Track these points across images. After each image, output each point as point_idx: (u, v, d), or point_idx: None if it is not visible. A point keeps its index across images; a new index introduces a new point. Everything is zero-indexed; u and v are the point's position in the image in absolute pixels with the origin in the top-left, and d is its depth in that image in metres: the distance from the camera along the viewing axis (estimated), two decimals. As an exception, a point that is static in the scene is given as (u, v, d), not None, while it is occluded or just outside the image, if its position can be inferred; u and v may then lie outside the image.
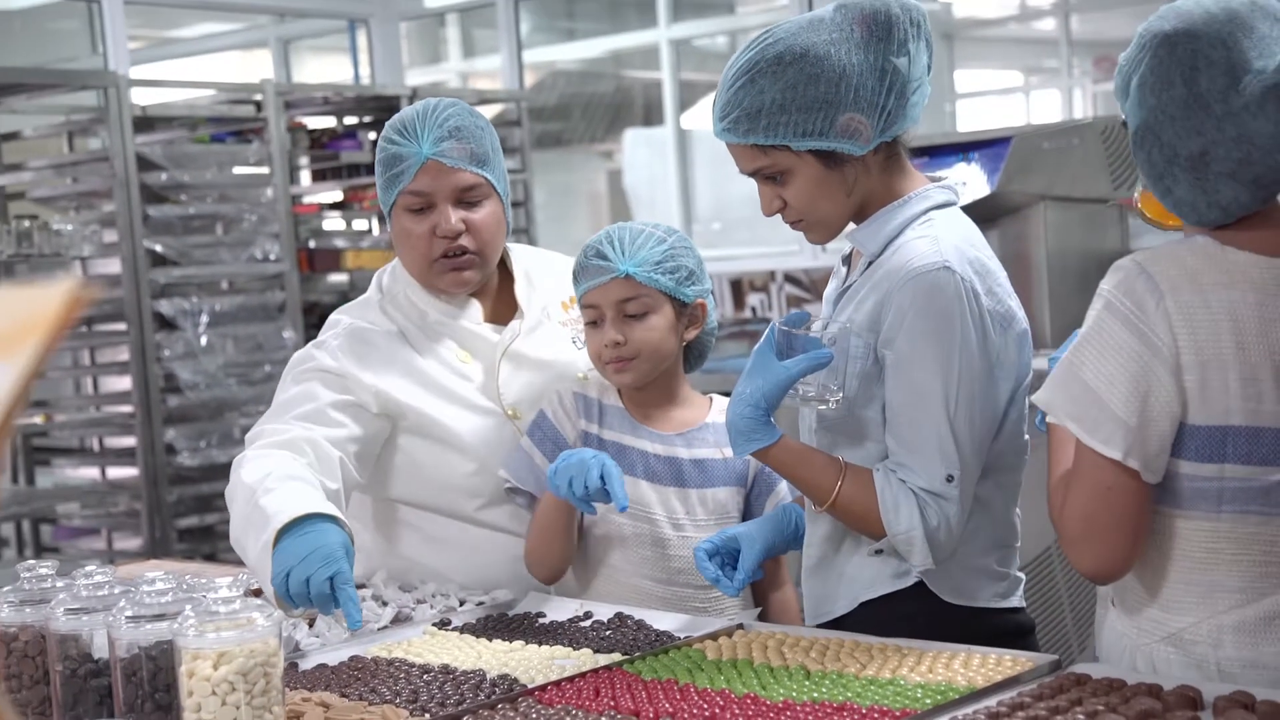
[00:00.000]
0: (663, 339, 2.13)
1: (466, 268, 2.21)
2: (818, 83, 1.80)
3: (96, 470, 5.25)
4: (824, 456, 1.87)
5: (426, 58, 8.44)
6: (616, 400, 2.22)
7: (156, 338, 4.74)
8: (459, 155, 2.17)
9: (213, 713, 1.49)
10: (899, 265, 1.83)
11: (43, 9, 7.23)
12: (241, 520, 1.98)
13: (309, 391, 2.16)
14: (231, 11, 7.09)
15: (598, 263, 2.12)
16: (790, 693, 1.64)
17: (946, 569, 1.87)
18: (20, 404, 0.63)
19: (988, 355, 1.83)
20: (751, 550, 1.98)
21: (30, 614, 1.68)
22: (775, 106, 1.81)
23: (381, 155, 2.22)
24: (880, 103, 1.82)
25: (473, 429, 2.20)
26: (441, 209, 2.18)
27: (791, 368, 1.82)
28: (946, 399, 1.80)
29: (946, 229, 1.86)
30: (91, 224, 4.77)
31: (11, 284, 0.68)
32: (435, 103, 2.21)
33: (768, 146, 1.83)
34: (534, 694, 1.69)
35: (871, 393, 1.85)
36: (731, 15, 7.91)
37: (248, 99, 5.31)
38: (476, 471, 2.20)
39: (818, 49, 1.81)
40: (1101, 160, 4.15)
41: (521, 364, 2.26)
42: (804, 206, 1.87)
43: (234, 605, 1.51)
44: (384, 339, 2.23)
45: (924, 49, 1.86)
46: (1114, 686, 1.55)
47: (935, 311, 1.79)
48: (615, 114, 8.42)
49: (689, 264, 2.14)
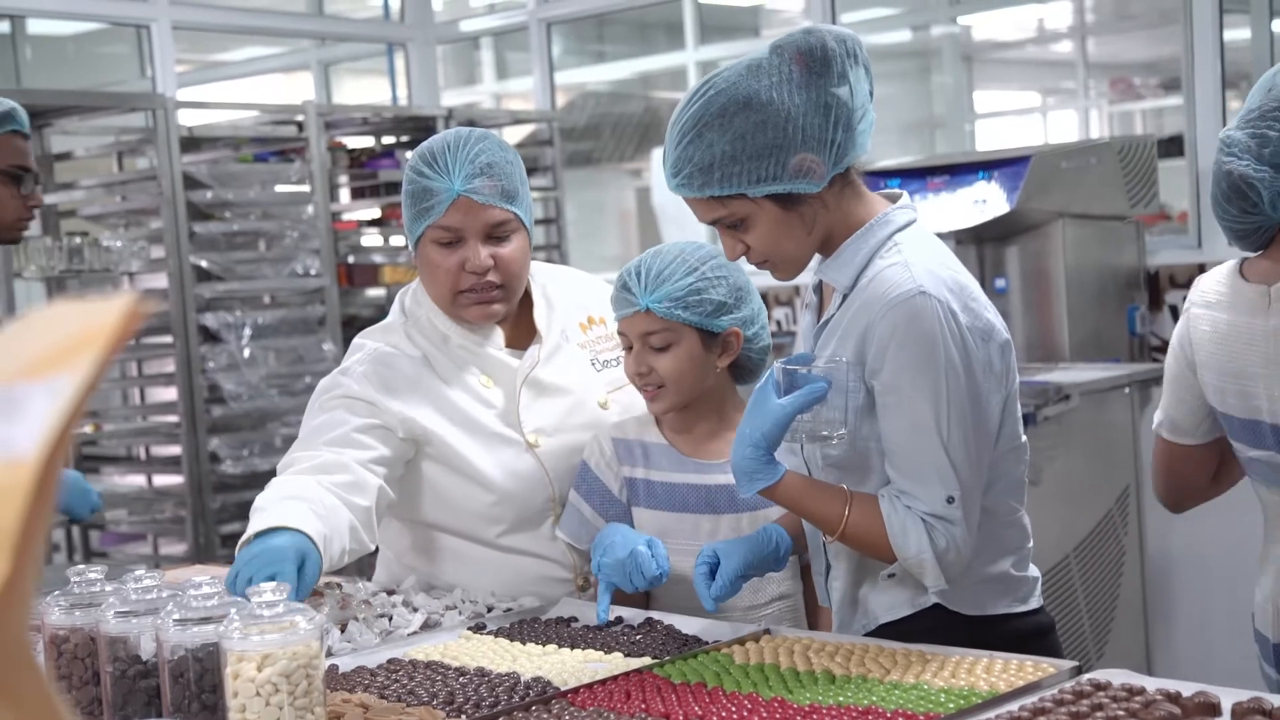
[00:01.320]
0: (687, 370, 2.12)
1: (494, 301, 2.21)
2: (765, 129, 1.79)
3: (143, 478, 5.36)
4: (829, 488, 1.87)
5: (462, 79, 8.57)
6: (658, 436, 2.21)
7: (201, 350, 4.86)
8: (490, 192, 2.16)
9: (257, 713, 1.51)
10: (876, 296, 1.82)
11: (94, 34, 7.40)
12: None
13: (336, 419, 2.16)
14: (274, 36, 7.24)
15: (623, 294, 2.12)
16: (816, 697, 1.66)
17: (961, 584, 1.88)
18: (79, 415, 0.63)
19: (973, 372, 1.82)
20: (729, 563, 1.95)
21: (80, 617, 1.70)
22: (726, 158, 1.80)
23: (411, 187, 2.20)
24: (829, 138, 1.80)
25: (494, 461, 2.21)
26: (471, 244, 2.17)
27: (788, 405, 1.81)
28: (939, 423, 1.80)
29: (915, 252, 1.85)
30: (140, 240, 4.89)
31: (64, 298, 0.70)
32: (465, 135, 2.20)
33: (724, 197, 1.83)
34: (567, 696, 1.72)
35: (869, 425, 1.86)
36: (756, 37, 8.02)
37: (290, 120, 5.43)
38: (497, 502, 2.21)
39: (760, 95, 1.79)
40: (1119, 179, 4.22)
41: (542, 391, 2.26)
42: (767, 249, 1.87)
43: (277, 609, 1.53)
44: (408, 364, 2.23)
45: (864, 76, 1.84)
46: (1134, 692, 1.57)
47: (916, 338, 1.79)
48: (644, 133, 8.53)
49: (718, 295, 2.11)
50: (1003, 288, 4.21)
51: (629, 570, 2.00)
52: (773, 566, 2.03)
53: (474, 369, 2.26)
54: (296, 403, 5.01)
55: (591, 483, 2.21)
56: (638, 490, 2.21)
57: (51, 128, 5.11)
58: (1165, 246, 4.53)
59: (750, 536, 2.02)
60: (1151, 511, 4.22)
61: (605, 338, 2.38)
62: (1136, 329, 4.33)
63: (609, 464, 2.21)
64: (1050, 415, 3.73)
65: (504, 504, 2.22)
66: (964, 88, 8.62)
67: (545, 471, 2.25)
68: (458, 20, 7.09)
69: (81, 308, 0.65)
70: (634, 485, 2.20)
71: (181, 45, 6.14)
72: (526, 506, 2.24)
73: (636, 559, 2.00)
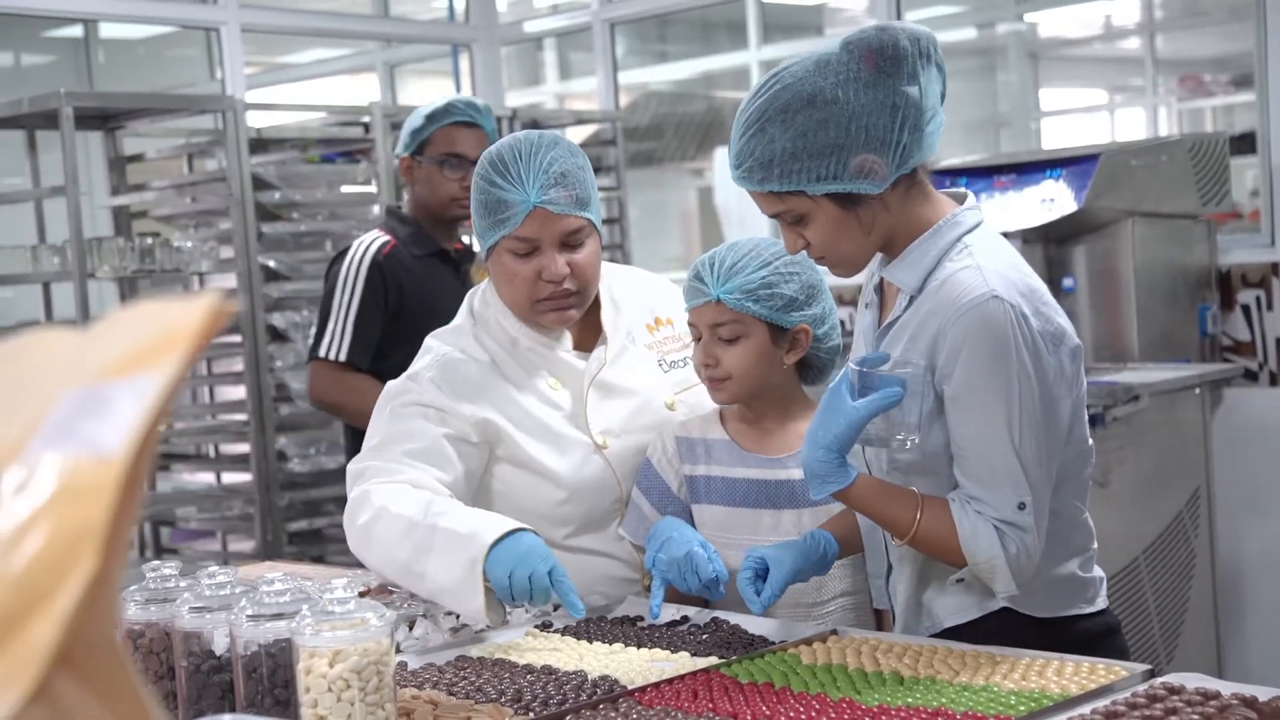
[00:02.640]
0: (754, 364, 2.12)
1: (570, 307, 2.23)
2: (827, 127, 1.77)
3: (212, 475, 5.44)
4: (900, 491, 1.86)
5: (526, 80, 8.60)
6: (721, 433, 2.22)
7: (269, 349, 4.92)
8: (566, 202, 2.16)
9: (329, 708, 1.53)
10: (948, 299, 1.80)
11: (164, 38, 7.51)
12: (413, 548, 2.02)
13: (413, 429, 2.17)
14: (341, 38, 7.32)
15: (695, 284, 2.12)
16: (884, 698, 1.65)
17: (1029, 587, 1.86)
18: (164, 414, 0.63)
19: (1045, 377, 1.81)
20: (779, 571, 1.94)
21: (155, 612, 1.72)
22: (787, 155, 1.79)
23: (484, 198, 2.19)
24: (894, 139, 1.78)
25: (562, 461, 2.22)
26: (548, 253, 2.18)
27: (862, 409, 1.79)
28: (1010, 429, 1.78)
29: (986, 255, 1.83)
30: (209, 241, 4.96)
31: (137, 299, 0.70)
32: (535, 141, 2.18)
33: (783, 193, 1.82)
34: (634, 695, 1.72)
35: (935, 429, 1.84)
36: (820, 36, 7.99)
37: (356, 121, 5.48)
38: (565, 500, 2.22)
39: (826, 93, 1.77)
40: (1189, 177, 4.16)
41: (609, 392, 2.27)
42: (825, 247, 1.86)
43: (349, 606, 1.55)
44: (477, 368, 2.24)
45: (936, 76, 1.82)
46: (1209, 696, 1.54)
47: (990, 343, 1.77)
48: (706, 133, 8.52)
49: (789, 291, 2.10)
50: (1070, 287, 4.16)
51: (684, 570, 2.00)
52: (818, 571, 2.01)
53: (543, 371, 2.28)
54: (362, 402, 5.05)
55: (652, 479, 2.22)
56: (698, 487, 2.21)
57: (124, 130, 5.19)
58: (1237, 245, 4.46)
59: (798, 544, 2.00)
60: (1223, 513, 4.16)
61: (673, 338, 2.39)
62: (1208, 329, 4.27)
63: (670, 461, 2.22)
64: (1119, 416, 3.68)
65: (573, 502, 2.23)
66: (1030, 85, 8.53)
67: (613, 471, 2.26)
68: (522, 21, 7.12)
69: (166, 307, 0.65)
70: (694, 483, 2.20)
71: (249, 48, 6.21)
72: (594, 507, 2.25)
73: (693, 560, 1.99)
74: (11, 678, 0.57)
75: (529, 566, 1.93)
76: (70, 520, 0.60)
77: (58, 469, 0.61)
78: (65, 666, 0.58)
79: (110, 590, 0.61)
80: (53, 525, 0.60)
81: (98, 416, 0.62)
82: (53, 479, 0.61)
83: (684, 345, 2.36)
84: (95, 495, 0.60)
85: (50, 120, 4.63)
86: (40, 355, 0.67)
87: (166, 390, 0.63)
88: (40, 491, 0.61)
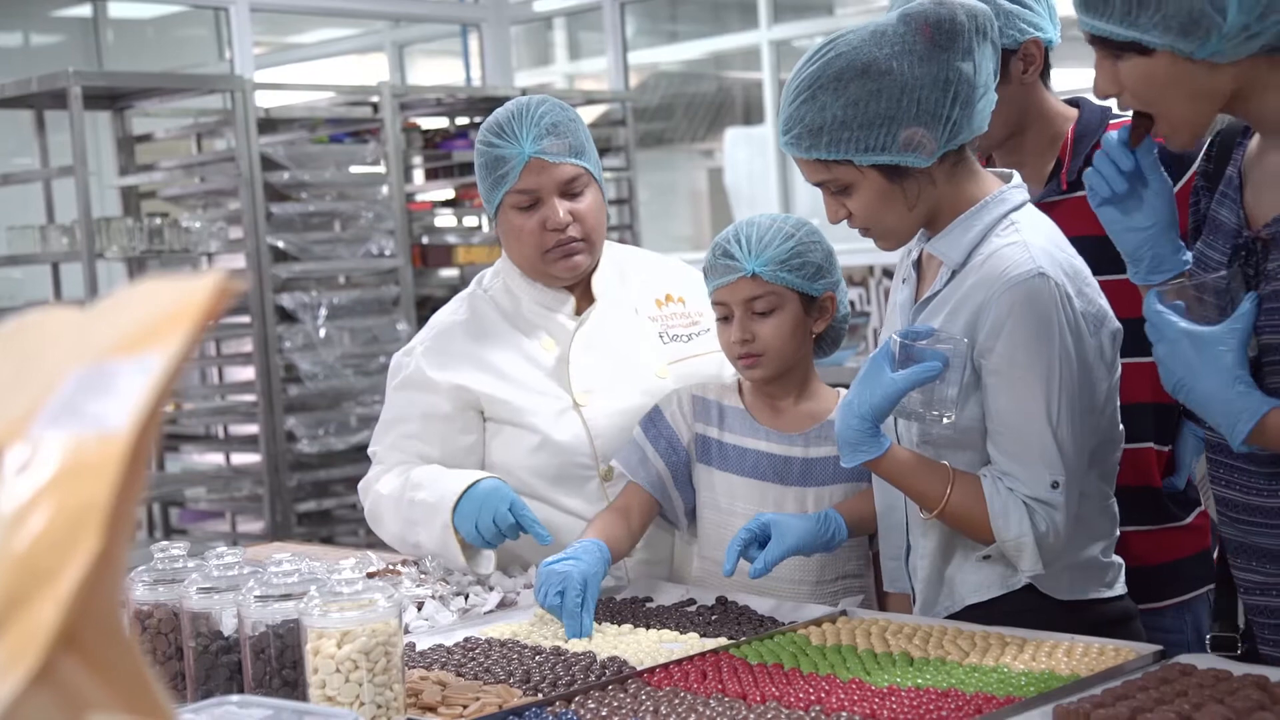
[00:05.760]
0: (791, 335, 2.13)
1: (578, 253, 2.29)
2: (879, 98, 1.77)
3: (221, 456, 5.45)
4: (933, 464, 1.85)
5: (535, 60, 8.59)
6: (737, 402, 2.22)
7: (278, 330, 4.92)
8: (559, 150, 2.24)
9: (337, 689, 1.53)
10: (992, 274, 1.80)
11: (173, 18, 7.50)
12: (403, 523, 2.25)
13: (406, 412, 2.32)
14: (349, 18, 7.30)
15: (725, 261, 2.12)
16: (894, 679, 1.65)
17: (1054, 569, 1.85)
18: (169, 392, 0.62)
19: (1085, 358, 1.81)
20: (780, 544, 1.94)
21: (163, 593, 1.72)
22: (837, 123, 1.79)
23: (483, 159, 2.29)
24: (944, 114, 1.78)
25: (538, 408, 2.27)
26: (549, 203, 2.25)
27: (900, 380, 1.79)
28: (1049, 407, 1.78)
29: (1032, 233, 1.83)
30: (218, 221, 4.96)
31: (147, 278, 0.69)
32: (526, 101, 2.28)
33: (830, 161, 1.82)
34: (643, 676, 1.72)
35: (970, 404, 1.84)
36: (830, 16, 7.96)
37: (364, 101, 5.48)
38: (539, 447, 2.26)
39: (880, 63, 1.78)
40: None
41: (595, 351, 2.32)
42: (869, 218, 1.86)
43: (356, 587, 1.55)
44: (461, 331, 2.33)
45: (990, 54, 1.82)
46: (1220, 678, 1.54)
47: (1033, 320, 1.77)
48: (716, 113, 8.49)
49: (816, 259, 2.12)
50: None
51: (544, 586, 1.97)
52: (822, 550, 2.03)
53: (540, 332, 2.34)
54: (371, 382, 5.07)
55: (661, 427, 2.22)
56: (710, 449, 2.21)
57: (132, 110, 5.19)
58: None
59: (810, 522, 1.99)
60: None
61: (681, 315, 2.41)
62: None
63: (684, 416, 2.23)
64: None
65: (546, 450, 2.26)
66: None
67: (586, 430, 2.28)
68: (531, 0, 7.10)
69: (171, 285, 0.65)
70: (706, 444, 2.21)
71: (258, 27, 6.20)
72: (569, 462, 2.27)
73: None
74: (15, 658, 0.56)
75: (490, 510, 2.10)
76: (74, 499, 0.59)
77: (61, 447, 0.61)
78: (69, 646, 0.58)
79: (114, 570, 0.61)
80: (56, 504, 0.59)
81: (102, 395, 0.62)
82: (56, 457, 0.60)
83: (691, 323, 2.39)
84: (99, 474, 0.59)
85: (59, 100, 4.63)
86: (44, 334, 0.67)
87: (171, 368, 0.62)
88: (44, 470, 0.60)
